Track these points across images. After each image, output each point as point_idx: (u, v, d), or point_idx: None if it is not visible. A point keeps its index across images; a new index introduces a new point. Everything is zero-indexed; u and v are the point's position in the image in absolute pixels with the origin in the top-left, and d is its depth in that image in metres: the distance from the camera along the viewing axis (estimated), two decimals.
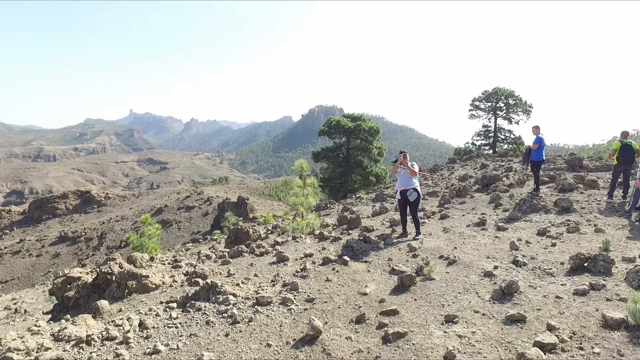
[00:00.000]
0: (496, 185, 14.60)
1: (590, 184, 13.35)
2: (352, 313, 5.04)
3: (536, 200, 11.00)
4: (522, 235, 8.37)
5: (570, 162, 18.55)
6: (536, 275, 5.94)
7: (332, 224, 11.98)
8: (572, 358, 3.65)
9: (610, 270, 5.79)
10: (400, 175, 8.70)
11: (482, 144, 45.12)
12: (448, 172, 24.09)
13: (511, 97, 44.05)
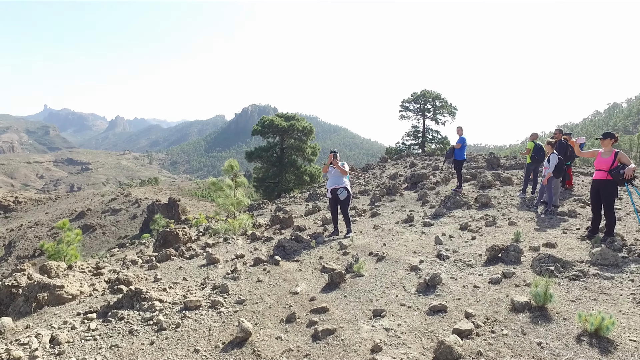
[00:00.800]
0: (424, 183, 15.36)
1: (506, 180, 14.50)
2: (282, 313, 5.03)
3: (459, 197, 11.72)
4: (446, 230, 8.87)
5: (489, 161, 20.04)
6: (457, 267, 6.33)
7: (264, 224, 11.88)
8: (485, 341, 3.93)
9: (519, 259, 6.32)
10: (331, 175, 8.85)
11: (411, 143, 47.25)
12: (379, 171, 24.91)
13: (438, 99, 46.60)
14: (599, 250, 6.11)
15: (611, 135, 7.39)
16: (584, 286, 5.19)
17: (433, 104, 46.57)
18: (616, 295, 4.88)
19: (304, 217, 12.64)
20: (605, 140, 7.37)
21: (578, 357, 3.56)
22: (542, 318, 4.30)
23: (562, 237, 7.83)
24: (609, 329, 3.77)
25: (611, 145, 7.34)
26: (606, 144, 7.35)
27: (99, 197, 67.52)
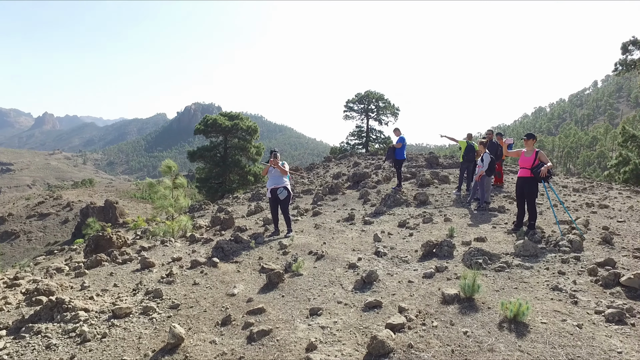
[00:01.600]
0: (366, 182, 15.68)
1: (443, 179, 15.18)
2: (218, 315, 4.90)
3: (399, 195, 12.09)
4: (385, 228, 9.11)
5: (429, 160, 20.88)
6: (394, 263, 6.51)
7: (205, 225, 11.55)
8: (416, 334, 4.07)
9: (452, 254, 6.63)
10: (271, 174, 8.78)
11: (355, 143, 48.14)
12: (323, 171, 25.13)
13: (381, 100, 47.85)
14: (522, 243, 6.55)
15: (533, 136, 7.98)
16: (508, 276, 5.54)
17: (376, 104, 47.75)
18: (534, 283, 5.26)
19: (246, 217, 12.44)
20: (529, 140, 7.92)
21: (498, 342, 3.79)
22: (470, 308, 4.53)
23: (492, 231, 8.32)
24: (525, 314, 4.05)
25: (533, 145, 7.91)
26: (529, 144, 7.91)
27: (23, 200, 62.41)
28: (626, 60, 30.57)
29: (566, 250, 6.48)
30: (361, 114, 47.84)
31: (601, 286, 5.04)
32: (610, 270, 5.36)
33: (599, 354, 3.56)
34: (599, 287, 5.04)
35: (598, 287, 5.04)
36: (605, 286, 5.00)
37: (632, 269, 5.67)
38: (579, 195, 12.93)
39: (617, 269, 5.54)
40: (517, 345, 3.73)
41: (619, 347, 3.66)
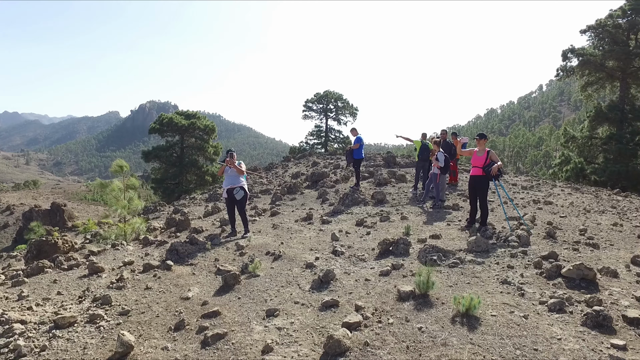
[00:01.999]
0: (324, 181, 15.73)
1: (400, 178, 15.49)
2: (171, 320, 4.73)
3: (357, 195, 12.21)
4: (343, 227, 9.16)
5: (387, 160, 21.24)
6: (351, 262, 6.54)
7: (159, 227, 11.16)
8: (372, 331, 4.10)
9: (408, 251, 6.76)
10: (227, 174, 8.61)
11: (315, 142, 48.33)
12: (282, 170, 24.97)
13: (340, 100, 48.31)
14: (474, 239, 6.78)
15: (485, 136, 8.29)
16: (461, 272, 5.71)
17: (335, 104, 48.17)
18: (485, 277, 5.45)
19: (203, 218, 12.14)
20: (480, 140, 8.22)
21: (451, 337, 3.89)
22: (425, 304, 4.63)
23: (446, 228, 8.56)
24: (476, 308, 4.19)
25: (484, 145, 8.21)
26: (481, 144, 8.20)
27: None
28: (566, 67, 32.58)
29: (515, 245, 6.78)
30: (320, 114, 48.11)
31: (545, 278, 5.30)
32: (553, 262, 5.65)
33: (542, 341, 3.74)
34: (543, 279, 5.30)
35: (542, 279, 5.30)
36: (549, 278, 5.27)
37: (571, 260, 6.01)
38: (527, 193, 13.60)
39: (559, 261, 5.86)
40: (468, 339, 3.85)
41: (559, 334, 3.87)
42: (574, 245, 6.85)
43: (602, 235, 7.72)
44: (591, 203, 12.09)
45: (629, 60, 29.83)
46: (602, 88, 32.65)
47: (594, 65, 30.88)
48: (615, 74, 30.78)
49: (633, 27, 30.17)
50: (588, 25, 31.82)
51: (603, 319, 3.96)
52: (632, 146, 28.69)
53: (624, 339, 3.78)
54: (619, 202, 13.01)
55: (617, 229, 8.35)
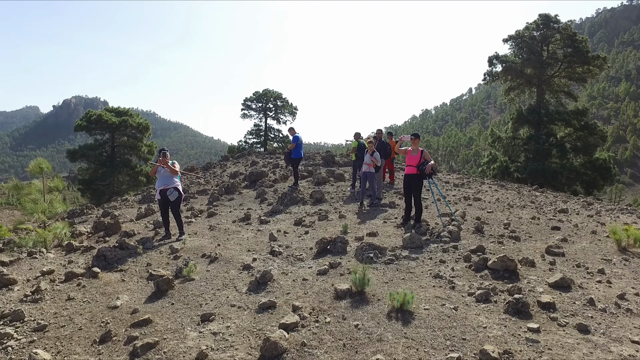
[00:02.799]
0: (263, 181, 15.54)
1: (339, 177, 15.68)
2: (96, 332, 4.40)
3: (295, 194, 12.18)
4: (281, 227, 9.09)
5: (326, 159, 21.43)
6: (289, 262, 6.50)
7: (86, 232, 10.39)
8: (309, 331, 4.09)
9: (345, 250, 6.84)
10: (160, 175, 8.22)
11: (254, 142, 47.73)
12: (220, 170, 24.36)
13: (279, 99, 48.07)
14: (409, 236, 7.02)
15: (419, 136, 8.61)
16: (396, 268, 5.88)
17: (275, 103, 47.89)
18: (419, 272, 5.66)
19: (135, 221, 11.49)
20: (415, 140, 8.52)
21: (386, 332, 3.98)
22: (361, 301, 4.70)
23: (383, 226, 8.78)
24: (410, 303, 4.32)
25: (418, 145, 8.52)
26: (415, 143, 8.50)
27: None
28: (492, 72, 35.00)
29: (446, 240, 7.11)
30: (259, 113, 47.63)
31: (473, 270, 5.61)
32: (481, 255, 6.00)
33: (470, 331, 3.95)
34: (472, 271, 5.60)
35: (471, 271, 5.60)
36: (477, 270, 5.58)
37: (497, 253, 6.41)
38: (458, 190, 14.35)
39: (486, 254, 6.22)
40: (403, 333, 3.96)
41: (485, 322, 4.10)
42: (499, 239, 7.31)
43: (523, 229, 8.32)
44: (514, 199, 13.01)
45: (543, 69, 32.66)
46: (522, 93, 35.39)
47: (515, 72, 33.43)
48: (532, 80, 33.50)
49: (545, 39, 33.05)
50: (509, 35, 34.39)
51: (522, 306, 4.26)
52: (547, 146, 31.37)
53: (538, 322, 4.09)
54: (537, 197, 14.14)
55: (535, 222, 9.04)
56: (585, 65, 31.94)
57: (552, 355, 3.50)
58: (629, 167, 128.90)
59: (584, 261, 6.06)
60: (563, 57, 32.21)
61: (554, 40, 32.90)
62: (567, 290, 4.88)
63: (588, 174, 30.53)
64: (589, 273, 5.54)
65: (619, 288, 4.99)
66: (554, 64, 32.92)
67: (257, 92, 47.84)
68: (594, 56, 31.93)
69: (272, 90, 47.88)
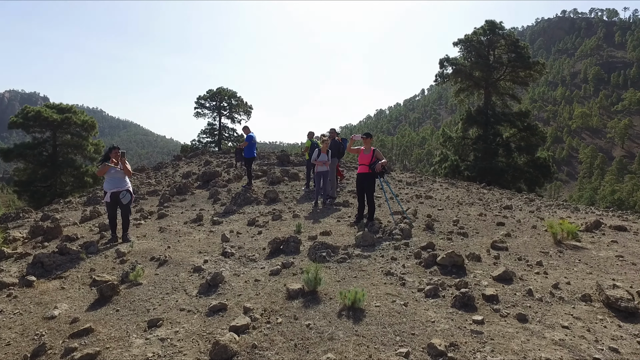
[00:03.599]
0: (216, 181, 15.21)
1: (293, 176, 15.65)
2: (28, 347, 4.09)
3: (249, 194, 12.02)
4: (234, 227, 8.92)
5: (280, 158, 21.30)
6: (241, 263, 6.38)
7: (22, 237, 9.70)
8: (261, 333, 4.03)
9: (298, 249, 6.81)
10: (111, 175, 7.81)
11: (208, 141, 46.69)
12: (173, 170, 23.62)
13: (234, 97, 47.30)
14: (361, 234, 7.10)
15: (370, 135, 8.74)
16: (349, 266, 5.92)
17: (229, 102, 47.08)
18: (371, 270, 5.73)
19: (79, 224, 10.86)
20: (367, 139, 8.63)
21: (338, 330, 3.99)
22: (313, 301, 4.69)
23: (336, 225, 8.84)
24: (361, 301, 4.36)
25: (370, 144, 8.65)
26: (367, 142, 8.61)
27: None
28: (443, 74, 36.30)
29: (398, 237, 7.26)
30: (213, 112, 46.68)
31: (423, 267, 5.75)
32: (430, 252, 6.17)
33: (418, 326, 4.04)
34: (422, 267, 5.74)
35: (421, 268, 5.75)
36: (427, 266, 5.73)
37: (446, 249, 6.60)
38: (411, 188, 14.73)
39: (436, 251, 6.41)
40: (354, 331, 3.98)
41: (433, 317, 4.22)
42: (448, 235, 7.56)
43: (471, 225, 8.65)
44: (463, 196, 13.52)
45: (489, 72, 34.31)
46: (471, 94, 36.98)
47: (464, 74, 34.88)
48: (480, 82, 35.08)
49: (491, 44, 34.73)
50: (459, 38, 35.82)
51: (467, 299, 4.42)
52: (494, 146, 32.93)
53: (482, 314, 4.26)
54: (485, 194, 14.80)
55: (482, 218, 9.43)
56: (527, 70, 33.85)
57: (494, 345, 3.66)
58: (566, 165, 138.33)
59: (525, 254, 6.38)
60: (507, 62, 33.98)
61: (499, 45, 34.62)
62: (509, 282, 5.12)
63: (531, 172, 32.34)
64: (529, 265, 5.84)
65: (554, 278, 5.29)
66: (499, 68, 34.64)
67: (210, 90, 46.81)
68: (534, 62, 33.93)
69: (226, 88, 47.02)
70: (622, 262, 6.10)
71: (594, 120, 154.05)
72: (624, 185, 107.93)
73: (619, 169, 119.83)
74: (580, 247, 6.91)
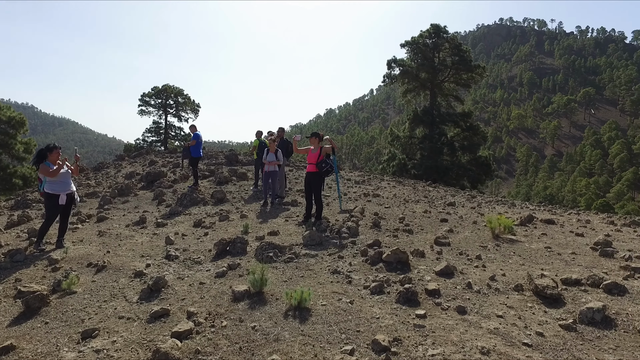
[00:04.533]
0: (161, 181, 14.66)
1: (241, 176, 15.41)
2: None
3: (196, 194, 11.68)
4: (179, 229, 8.62)
5: (228, 157, 20.90)
6: (186, 265, 6.17)
7: None
8: (205, 337, 3.90)
9: (245, 250, 6.69)
10: (63, 176, 7.27)
11: (153, 140, 44.98)
12: (115, 170, 22.48)
13: (180, 95, 45.86)
14: (309, 233, 7.10)
15: (317, 134, 8.75)
16: (296, 266, 5.90)
17: (175, 100, 45.59)
18: (318, 269, 5.74)
19: (4, 231, 10.02)
20: (313, 139, 8.65)
21: (284, 331, 3.95)
22: (259, 302, 4.62)
23: (284, 224, 8.79)
24: (307, 300, 4.35)
25: (318, 143, 8.66)
26: (314, 142, 8.63)
27: None
28: (390, 74, 37.31)
29: (345, 236, 7.33)
30: (159, 110, 45.05)
31: (369, 264, 5.85)
32: (376, 249, 6.29)
33: (364, 323, 4.10)
34: (368, 265, 5.84)
35: (367, 265, 5.84)
36: (372, 264, 5.83)
37: (391, 246, 6.78)
38: (359, 187, 14.97)
39: (382, 248, 6.55)
40: (300, 330, 3.96)
41: (378, 313, 4.29)
42: (394, 233, 7.75)
43: (416, 222, 8.93)
44: (410, 194, 13.94)
45: (435, 74, 35.72)
46: (418, 95, 38.29)
47: (411, 75, 36.06)
48: (426, 84, 36.43)
49: (436, 47, 36.18)
50: (406, 40, 36.99)
51: (411, 295, 4.54)
52: (440, 145, 34.30)
53: (424, 308, 4.40)
54: (430, 192, 15.36)
55: (426, 215, 9.77)
56: (470, 73, 35.61)
57: (435, 338, 3.78)
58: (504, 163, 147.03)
59: (466, 249, 6.68)
60: (451, 64, 35.55)
61: (444, 48, 36.14)
62: (451, 276, 5.33)
63: (473, 170, 34.02)
64: (469, 259, 6.12)
65: (491, 271, 5.58)
66: (444, 70, 36.15)
67: (156, 87, 45.10)
68: (476, 65, 35.74)
69: (172, 85, 45.48)
70: (550, 253, 6.55)
71: (528, 121, 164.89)
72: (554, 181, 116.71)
73: (550, 166, 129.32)
74: (515, 241, 7.34)
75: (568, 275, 5.10)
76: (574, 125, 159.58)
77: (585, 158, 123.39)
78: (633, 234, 8.54)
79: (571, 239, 7.68)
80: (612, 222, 10.19)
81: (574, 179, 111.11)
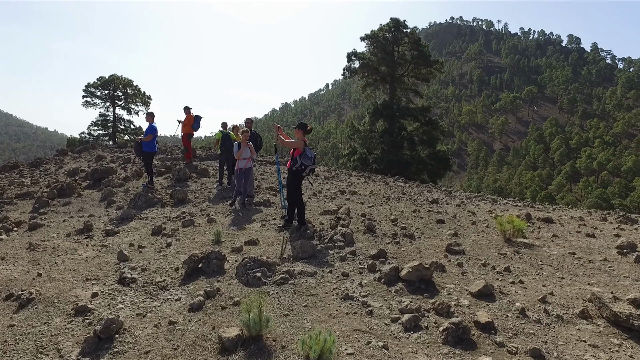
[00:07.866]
0: (110, 179, 12.77)
1: (202, 172, 13.83)
2: None
3: (152, 194, 10.05)
4: (135, 239, 7.06)
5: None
6: (147, 293, 4.70)
7: None
8: None
9: (223, 267, 5.34)
10: None
11: (100, 134, 41.63)
12: (55, 167, 19.97)
13: (130, 86, 42.77)
14: (300, 244, 5.87)
15: (304, 125, 7.39)
16: (293, 290, 4.64)
17: (124, 91, 42.39)
18: (323, 294, 4.51)
19: None
20: (296, 130, 7.35)
21: None
22: (259, 353, 3.34)
23: (262, 230, 7.48)
24: (332, 352, 3.13)
25: (302, 136, 7.33)
26: (298, 134, 7.32)
27: None
28: (350, 67, 36.51)
29: (341, 245, 6.15)
30: (106, 101, 41.66)
31: (385, 284, 4.71)
32: (385, 262, 5.19)
33: None
34: (383, 285, 4.70)
35: (382, 285, 4.69)
36: (389, 284, 4.69)
37: (398, 256, 5.73)
38: (331, 183, 13.85)
39: (388, 259, 5.47)
40: None
41: None
42: (394, 238, 6.67)
43: (411, 224, 7.92)
44: (386, 191, 13.00)
45: (394, 68, 35.35)
46: (377, 89, 37.80)
47: (371, 69, 35.45)
48: (386, 77, 35.99)
49: (396, 40, 35.78)
50: (366, 34, 36.30)
51: (462, 332, 3.45)
52: (400, 139, 34.01)
53: (486, 352, 3.31)
54: (404, 187, 14.53)
55: (417, 215, 8.80)
56: (428, 68, 35.55)
57: None
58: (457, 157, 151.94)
59: (486, 258, 5.72)
60: (411, 59, 35.28)
61: (404, 43, 35.80)
62: (492, 299, 4.29)
63: (432, 164, 34.00)
64: (498, 273, 5.14)
65: (534, 288, 4.63)
66: (403, 64, 35.83)
67: (102, 77, 41.58)
68: (434, 60, 35.76)
69: (120, 76, 42.15)
70: (579, 261, 5.74)
71: (478, 117, 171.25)
72: (503, 174, 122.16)
73: (498, 160, 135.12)
74: (531, 245, 6.51)
75: (636, 296, 4.19)
76: (519, 121, 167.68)
77: (529, 152, 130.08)
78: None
79: (586, 241, 6.97)
80: (604, 218, 9.76)
81: (520, 172, 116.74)
